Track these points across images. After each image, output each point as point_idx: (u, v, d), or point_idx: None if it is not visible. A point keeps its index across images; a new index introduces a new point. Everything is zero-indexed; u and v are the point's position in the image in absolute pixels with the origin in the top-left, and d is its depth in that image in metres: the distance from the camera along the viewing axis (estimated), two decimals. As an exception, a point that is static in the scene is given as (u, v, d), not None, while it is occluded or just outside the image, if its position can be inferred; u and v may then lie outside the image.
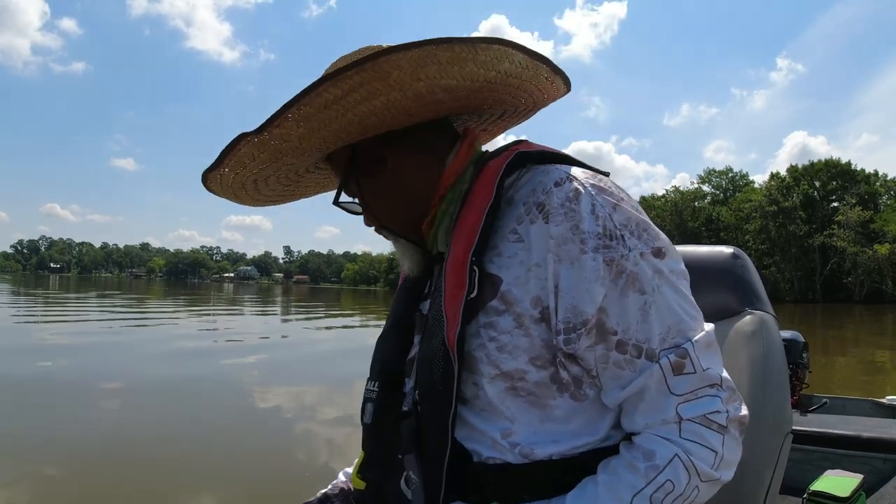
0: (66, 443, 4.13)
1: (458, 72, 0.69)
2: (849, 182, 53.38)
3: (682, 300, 0.71)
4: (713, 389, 0.68)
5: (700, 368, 0.68)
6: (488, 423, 0.74)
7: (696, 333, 0.70)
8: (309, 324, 16.73)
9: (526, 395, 0.72)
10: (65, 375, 6.59)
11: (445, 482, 0.73)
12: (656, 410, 0.68)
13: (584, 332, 0.69)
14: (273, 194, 0.93)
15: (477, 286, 0.72)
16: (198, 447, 4.21)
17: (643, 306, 0.69)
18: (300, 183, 0.94)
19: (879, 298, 46.63)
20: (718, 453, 0.67)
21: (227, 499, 3.38)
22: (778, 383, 0.99)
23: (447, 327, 0.72)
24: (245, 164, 0.78)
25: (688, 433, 0.67)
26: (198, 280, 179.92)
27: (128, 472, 3.61)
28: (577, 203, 0.70)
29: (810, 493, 1.57)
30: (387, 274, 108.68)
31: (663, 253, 0.71)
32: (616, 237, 0.69)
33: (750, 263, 1.13)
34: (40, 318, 14.84)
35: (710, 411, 0.67)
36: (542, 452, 0.72)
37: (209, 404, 5.57)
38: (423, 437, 0.76)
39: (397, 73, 0.66)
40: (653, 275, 0.70)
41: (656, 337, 0.69)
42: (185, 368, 7.37)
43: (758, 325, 1.03)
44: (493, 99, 0.82)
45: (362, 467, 0.86)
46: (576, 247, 0.69)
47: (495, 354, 0.72)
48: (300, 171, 0.89)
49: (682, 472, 0.66)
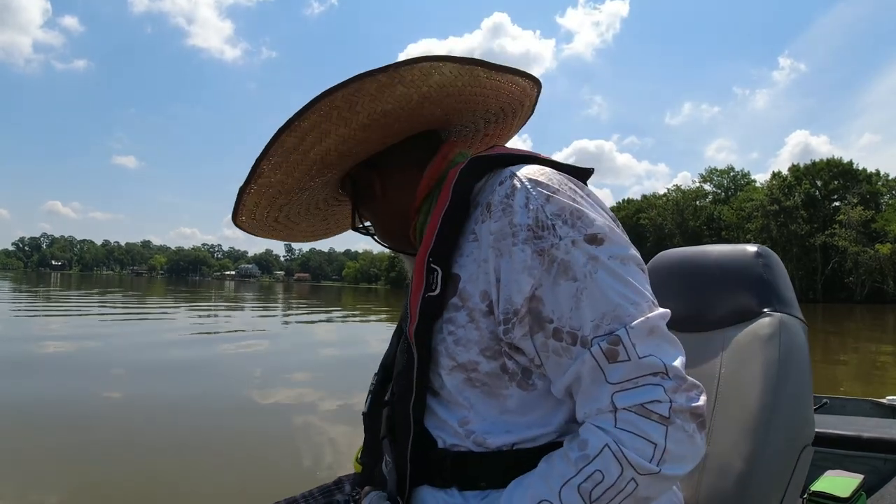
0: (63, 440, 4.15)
1: (390, 96, 0.76)
2: (850, 181, 53.25)
3: (622, 286, 0.69)
4: (656, 378, 0.65)
5: (635, 356, 0.66)
6: (449, 412, 0.78)
7: (633, 319, 0.67)
8: (307, 317, 16.79)
9: (480, 385, 0.76)
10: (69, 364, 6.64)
11: (412, 466, 0.79)
12: (592, 399, 0.68)
13: (516, 322, 0.71)
14: (312, 227, 1.06)
15: (440, 285, 0.76)
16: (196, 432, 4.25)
17: (575, 293, 0.69)
18: (330, 213, 1.05)
19: (881, 298, 46.57)
20: (659, 445, 0.64)
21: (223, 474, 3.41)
22: (795, 390, 0.94)
23: (409, 322, 0.78)
24: (256, 207, 0.90)
25: (623, 423, 0.65)
26: (199, 278, 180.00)
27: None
28: (512, 198, 0.72)
29: (810, 494, 1.57)
30: (388, 272, 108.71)
31: (599, 239, 0.71)
32: (547, 227, 0.70)
33: (776, 263, 1.08)
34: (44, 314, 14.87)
35: (648, 400, 0.64)
36: (496, 442, 0.75)
37: (208, 394, 5.60)
38: (395, 424, 0.83)
39: (336, 113, 0.76)
40: (586, 261, 0.69)
41: (588, 323, 0.68)
42: (187, 357, 7.45)
43: (776, 328, 0.98)
44: (451, 109, 0.87)
45: (362, 453, 0.93)
46: (509, 240, 0.71)
47: (452, 347, 0.76)
48: (319, 203, 1.00)
49: (613, 463, 0.64)
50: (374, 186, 0.89)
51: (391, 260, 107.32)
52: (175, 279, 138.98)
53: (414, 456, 0.78)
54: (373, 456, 0.90)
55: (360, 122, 0.78)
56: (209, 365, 7.70)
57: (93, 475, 3.51)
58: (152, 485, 3.38)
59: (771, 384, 0.94)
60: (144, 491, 3.30)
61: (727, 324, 1.06)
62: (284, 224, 0.99)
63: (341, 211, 1.06)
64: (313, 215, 1.02)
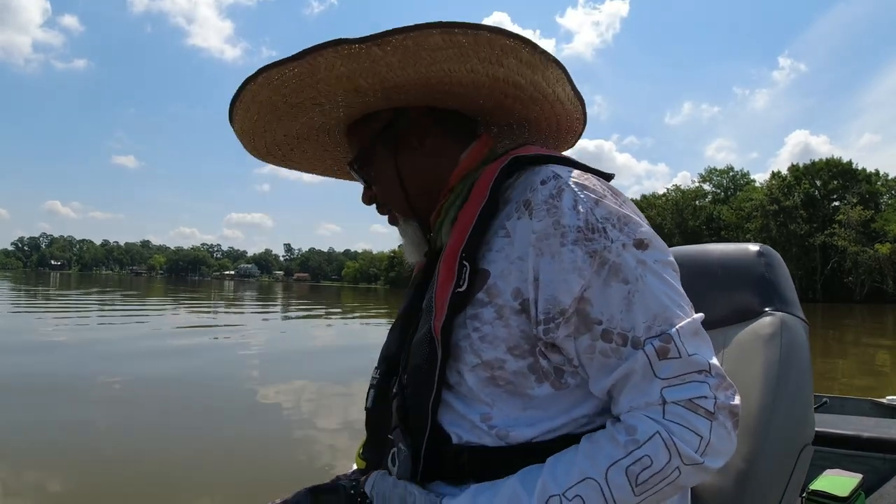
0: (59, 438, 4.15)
1: (529, 74, 0.79)
2: (850, 181, 53.18)
3: (668, 288, 0.72)
4: (701, 375, 0.68)
5: (685, 353, 0.68)
6: (469, 407, 0.77)
7: (681, 320, 0.70)
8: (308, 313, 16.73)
9: (504, 384, 0.76)
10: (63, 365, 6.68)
11: (425, 461, 0.78)
12: (641, 393, 0.69)
13: (562, 322, 0.71)
14: (314, 157, 1.02)
15: (467, 280, 0.75)
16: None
17: (627, 296, 0.70)
18: (304, 148, 1.00)
19: (880, 298, 46.50)
20: (704, 438, 0.67)
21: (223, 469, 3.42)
22: (796, 389, 0.94)
23: (435, 317, 0.77)
24: (313, 78, 0.77)
25: (672, 415, 0.67)
26: (198, 278, 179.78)
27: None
28: (559, 199, 0.72)
29: (809, 493, 1.57)
30: (387, 272, 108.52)
31: (646, 244, 0.73)
32: (598, 230, 0.71)
33: (778, 262, 1.08)
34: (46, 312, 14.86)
35: (697, 396, 0.67)
36: (519, 435, 0.75)
37: (207, 394, 5.61)
38: (407, 416, 0.82)
39: (497, 53, 0.75)
40: (636, 265, 0.71)
41: (641, 325, 0.70)
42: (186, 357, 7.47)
43: (777, 328, 0.98)
44: (512, 103, 0.87)
45: (364, 448, 0.92)
46: (556, 240, 0.71)
47: (477, 344, 0.75)
48: (326, 143, 0.98)
49: (663, 449, 0.66)
50: (426, 139, 0.87)
51: (390, 260, 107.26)
52: (174, 279, 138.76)
53: (426, 452, 0.78)
54: (377, 451, 0.88)
55: (494, 73, 0.78)
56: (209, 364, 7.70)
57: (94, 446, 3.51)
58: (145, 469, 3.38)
59: (772, 384, 0.93)
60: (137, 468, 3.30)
61: (728, 322, 1.06)
62: (291, 143, 0.96)
63: (313, 151, 1.02)
64: (317, 144, 0.98)
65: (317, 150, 1.00)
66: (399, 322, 0.94)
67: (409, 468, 0.79)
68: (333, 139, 0.97)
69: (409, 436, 0.80)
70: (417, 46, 0.72)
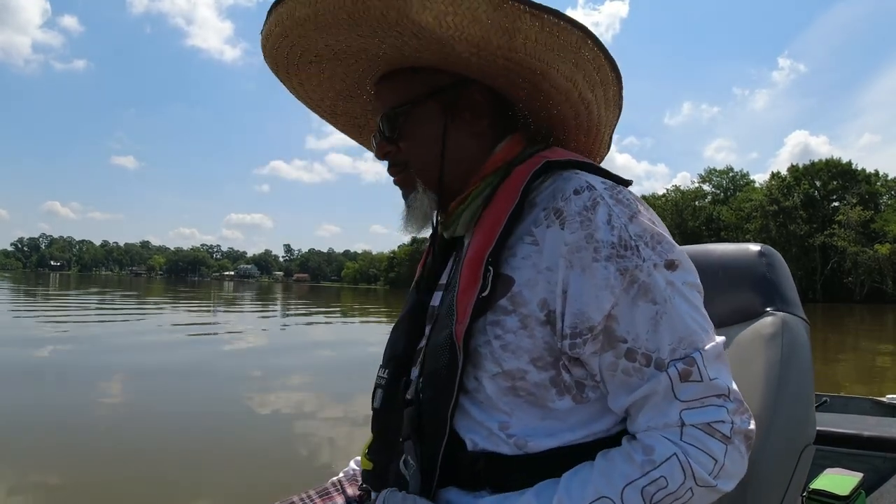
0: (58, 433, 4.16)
1: (597, 81, 0.81)
2: (849, 182, 53.19)
3: (694, 312, 0.72)
4: (720, 399, 0.68)
5: (707, 377, 0.68)
6: (486, 415, 0.76)
7: (705, 344, 0.70)
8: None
9: (525, 394, 0.74)
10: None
11: (441, 468, 0.76)
12: (660, 414, 0.69)
13: (589, 338, 0.70)
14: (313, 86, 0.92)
15: (490, 285, 0.73)
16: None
17: (654, 316, 0.70)
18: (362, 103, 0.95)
19: (880, 298, 46.48)
20: (719, 462, 0.67)
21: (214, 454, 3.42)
22: (797, 389, 0.94)
23: (456, 321, 0.75)
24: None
25: (689, 437, 0.67)
26: (198, 278, 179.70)
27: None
28: (593, 212, 0.71)
29: (810, 492, 1.57)
30: (387, 273, 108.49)
31: (676, 265, 0.72)
32: (630, 247, 0.70)
33: (779, 262, 1.07)
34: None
35: (715, 420, 0.67)
36: (537, 445, 0.74)
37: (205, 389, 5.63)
38: (422, 425, 0.79)
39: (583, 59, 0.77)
40: (665, 286, 0.70)
41: (666, 347, 0.69)
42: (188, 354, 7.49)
43: (778, 328, 0.98)
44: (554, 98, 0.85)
45: (370, 449, 0.89)
46: (589, 254, 0.70)
47: (499, 353, 0.73)
48: (346, 80, 0.90)
49: (678, 471, 0.66)
50: (480, 111, 0.84)
51: (390, 260, 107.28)
52: (174, 280, 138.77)
53: (442, 458, 0.76)
54: (386, 454, 0.86)
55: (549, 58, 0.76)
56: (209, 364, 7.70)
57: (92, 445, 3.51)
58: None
59: (773, 384, 0.93)
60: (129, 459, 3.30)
61: (729, 323, 1.05)
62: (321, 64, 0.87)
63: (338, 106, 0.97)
64: (346, 67, 0.88)
65: (339, 73, 0.89)
66: (405, 321, 0.91)
67: (419, 482, 0.77)
68: (362, 69, 0.88)
69: (421, 444, 0.78)
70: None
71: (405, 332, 0.90)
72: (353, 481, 1.04)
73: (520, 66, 0.77)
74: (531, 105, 0.88)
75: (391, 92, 0.86)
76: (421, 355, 0.84)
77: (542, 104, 0.86)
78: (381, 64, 0.85)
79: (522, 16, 0.70)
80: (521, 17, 0.70)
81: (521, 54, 0.75)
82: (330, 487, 1.03)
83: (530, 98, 0.86)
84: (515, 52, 0.75)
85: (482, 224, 0.78)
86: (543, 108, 0.87)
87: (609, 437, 0.75)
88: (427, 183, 0.85)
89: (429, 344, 0.81)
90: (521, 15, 0.70)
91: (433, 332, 0.81)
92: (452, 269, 0.88)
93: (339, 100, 0.96)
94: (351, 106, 0.97)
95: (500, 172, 0.82)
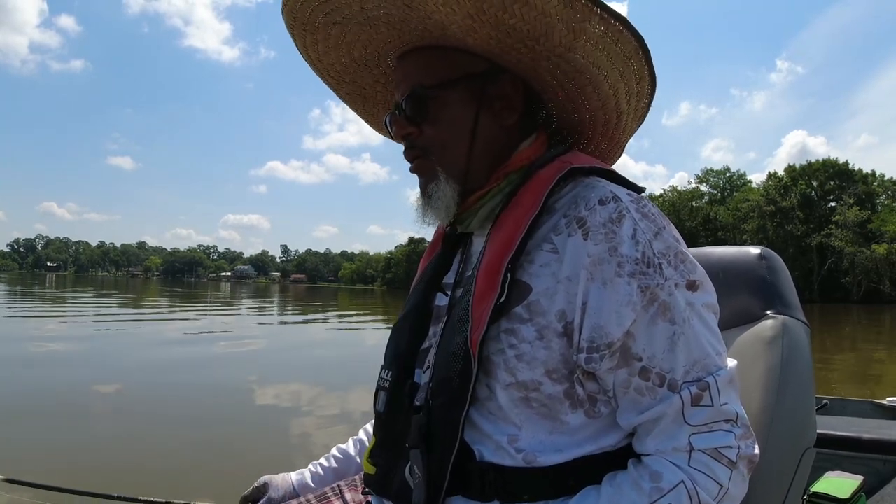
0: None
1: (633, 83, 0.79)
2: (847, 182, 53.32)
3: (710, 335, 0.71)
4: (728, 425, 0.68)
5: (718, 402, 0.68)
6: (495, 427, 0.74)
7: (718, 369, 0.70)
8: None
9: (538, 406, 0.73)
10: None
11: (449, 478, 0.73)
12: (669, 438, 0.68)
13: (607, 354, 0.69)
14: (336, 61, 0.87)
15: (506, 292, 0.71)
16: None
17: (672, 336, 0.69)
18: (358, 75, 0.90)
19: (877, 298, 46.59)
20: (724, 487, 0.67)
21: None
22: (798, 393, 0.93)
23: (472, 328, 0.72)
24: None
25: (697, 463, 0.67)
26: (195, 279, 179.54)
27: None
28: (618, 225, 0.70)
29: (810, 495, 1.57)
30: (384, 273, 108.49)
31: (697, 286, 0.71)
32: (654, 265, 0.69)
33: (779, 265, 1.07)
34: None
35: (722, 445, 0.67)
36: (546, 460, 0.72)
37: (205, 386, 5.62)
38: (431, 434, 0.76)
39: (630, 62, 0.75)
40: (685, 307, 0.70)
41: (681, 368, 0.69)
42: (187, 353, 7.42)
43: (778, 331, 0.97)
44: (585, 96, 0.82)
45: (373, 452, 0.87)
46: (612, 269, 0.69)
47: (513, 362, 0.71)
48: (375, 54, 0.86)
49: (685, 498, 0.66)
50: (512, 103, 0.80)
51: (387, 261, 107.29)
52: (171, 280, 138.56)
53: (451, 467, 0.74)
54: (391, 458, 0.83)
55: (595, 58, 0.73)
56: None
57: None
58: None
59: (773, 387, 0.92)
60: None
61: (729, 326, 1.05)
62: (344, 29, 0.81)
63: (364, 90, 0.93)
64: (368, 32, 0.82)
65: (363, 40, 0.83)
66: (408, 322, 0.88)
67: (424, 492, 0.74)
68: (391, 39, 0.82)
69: (430, 454, 0.75)
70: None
71: (408, 332, 0.87)
72: (353, 486, 1.02)
73: (570, 67, 0.75)
74: (564, 106, 0.85)
75: (421, 69, 0.80)
76: (429, 359, 0.82)
77: (577, 107, 0.83)
78: (415, 37, 0.79)
79: (592, 17, 0.67)
80: (590, 18, 0.68)
81: (580, 55, 0.72)
82: (329, 492, 1.01)
83: (566, 99, 0.83)
84: (574, 53, 0.72)
85: (500, 226, 0.76)
86: (577, 111, 0.84)
87: (616, 451, 0.74)
88: (450, 173, 0.80)
89: (439, 348, 0.78)
90: (591, 16, 0.67)
91: (444, 336, 0.78)
92: (460, 267, 0.86)
93: (352, 67, 0.89)
94: (362, 75, 0.91)
95: (523, 172, 0.79)
